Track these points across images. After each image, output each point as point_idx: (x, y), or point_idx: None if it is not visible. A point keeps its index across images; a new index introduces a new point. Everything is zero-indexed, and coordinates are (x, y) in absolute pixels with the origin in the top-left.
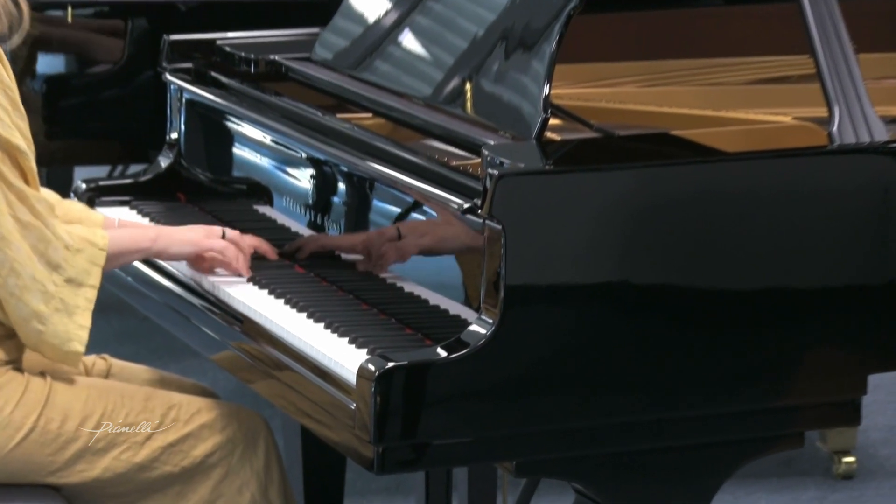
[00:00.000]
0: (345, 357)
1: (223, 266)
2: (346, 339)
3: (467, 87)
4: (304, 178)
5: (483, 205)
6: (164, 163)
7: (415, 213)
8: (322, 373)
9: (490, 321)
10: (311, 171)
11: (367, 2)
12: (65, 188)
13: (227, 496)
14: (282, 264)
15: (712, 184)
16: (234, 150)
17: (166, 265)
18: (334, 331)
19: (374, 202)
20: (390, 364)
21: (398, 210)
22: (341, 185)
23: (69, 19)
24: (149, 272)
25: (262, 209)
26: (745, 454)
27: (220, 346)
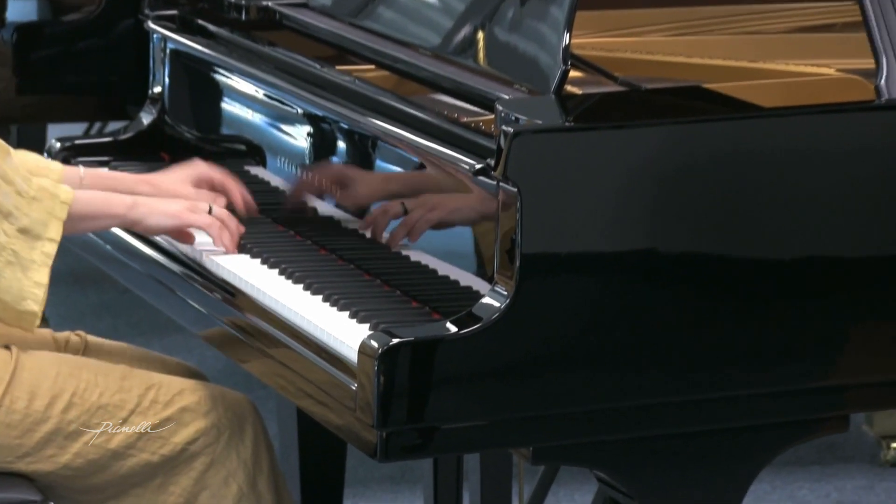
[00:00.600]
0: (345, 333)
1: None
2: (347, 313)
3: (479, 36)
4: (300, 137)
5: (497, 165)
6: (146, 119)
7: (421, 175)
8: (320, 350)
9: (504, 293)
10: (307, 128)
11: None
12: (37, 147)
13: (212, 488)
14: (275, 231)
15: (748, 142)
16: (224, 105)
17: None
18: (333, 304)
19: (377, 162)
20: (395, 340)
21: (403, 171)
22: (341, 144)
23: None
24: (130, 240)
25: (255, 170)
26: (784, 439)
27: (209, 320)
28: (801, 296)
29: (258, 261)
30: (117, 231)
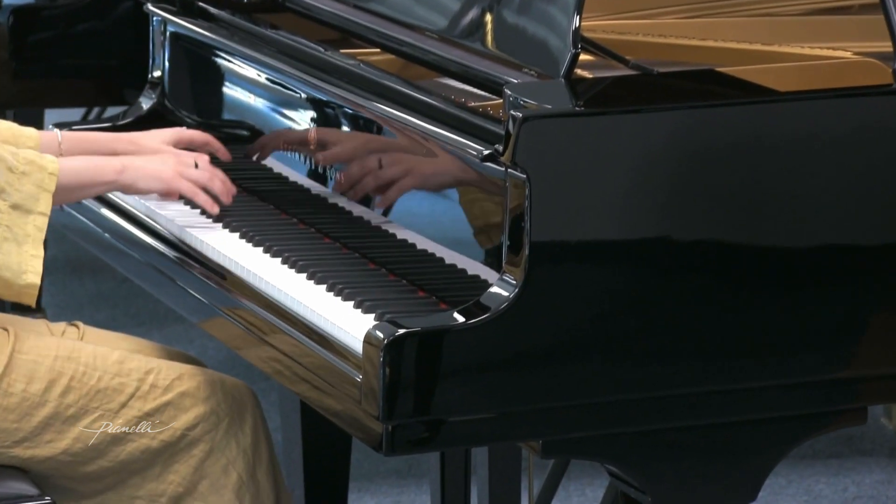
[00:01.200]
0: (349, 323)
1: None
2: (352, 303)
3: (487, 18)
4: (303, 122)
5: (505, 151)
6: (145, 104)
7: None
8: (323, 340)
9: (513, 282)
10: (311, 113)
11: None
12: None
13: (211, 477)
14: (278, 219)
15: (763, 127)
16: (225, 89)
17: (148, 219)
18: (338, 293)
19: (394, 140)
20: (401, 331)
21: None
22: (345, 130)
23: None
24: (129, 227)
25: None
26: (800, 432)
27: (210, 311)
28: (817, 284)
29: (260, 249)
30: (116, 218)
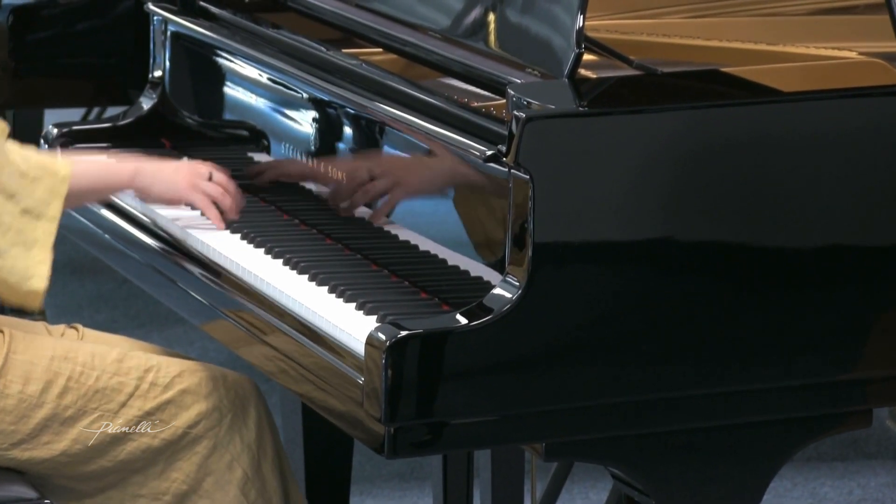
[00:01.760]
0: (351, 325)
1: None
2: (353, 305)
3: (491, 18)
4: (305, 122)
5: (508, 152)
6: (146, 104)
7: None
8: (325, 342)
9: (516, 283)
10: (313, 113)
11: None
12: (33, 133)
13: (216, 473)
14: (280, 220)
15: (767, 127)
16: (227, 89)
17: (149, 221)
18: (339, 295)
19: (385, 149)
20: (403, 333)
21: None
22: (347, 130)
23: None
24: (129, 228)
25: (259, 156)
26: (805, 434)
27: (211, 312)
28: (822, 286)
29: (262, 251)
30: (116, 219)
